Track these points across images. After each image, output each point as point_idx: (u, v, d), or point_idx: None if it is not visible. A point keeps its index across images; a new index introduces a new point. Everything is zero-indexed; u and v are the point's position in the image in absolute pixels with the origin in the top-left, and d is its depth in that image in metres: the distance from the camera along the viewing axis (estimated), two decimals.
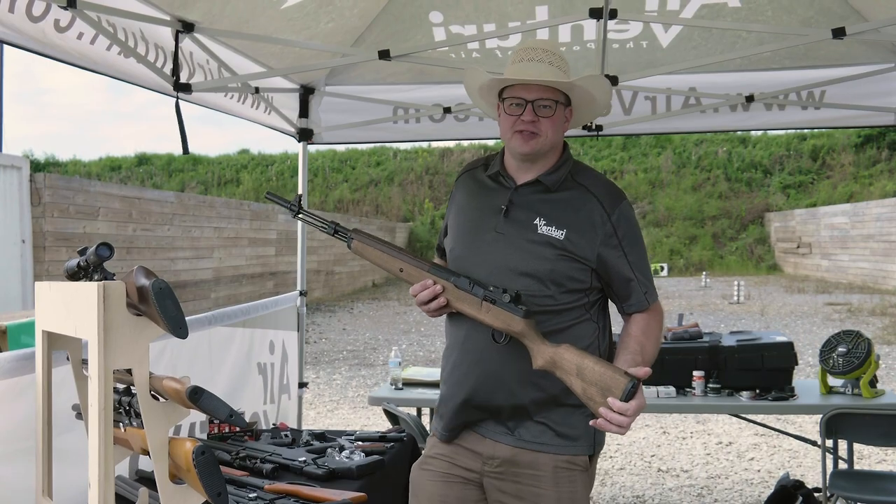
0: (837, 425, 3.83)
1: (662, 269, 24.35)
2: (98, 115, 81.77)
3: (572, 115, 2.23)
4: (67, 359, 2.19)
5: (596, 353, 2.17)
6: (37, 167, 23.34)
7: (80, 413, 2.20)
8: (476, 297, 2.11)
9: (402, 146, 31.45)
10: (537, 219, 2.16)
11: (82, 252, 2.00)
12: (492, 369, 2.15)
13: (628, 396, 1.91)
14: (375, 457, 2.84)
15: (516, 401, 2.15)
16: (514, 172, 2.24)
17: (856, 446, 4.51)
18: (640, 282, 2.19)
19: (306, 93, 4.74)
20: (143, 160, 31.81)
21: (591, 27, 4.03)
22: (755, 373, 4.35)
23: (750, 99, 4.42)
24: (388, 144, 28.83)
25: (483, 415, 2.20)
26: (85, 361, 2.10)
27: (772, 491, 4.37)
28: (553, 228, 2.14)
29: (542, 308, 2.12)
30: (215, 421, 3.22)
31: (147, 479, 2.64)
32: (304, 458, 2.78)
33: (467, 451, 2.23)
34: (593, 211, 2.16)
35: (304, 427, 4.92)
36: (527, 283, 2.12)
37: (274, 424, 3.73)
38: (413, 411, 4.51)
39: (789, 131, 28.34)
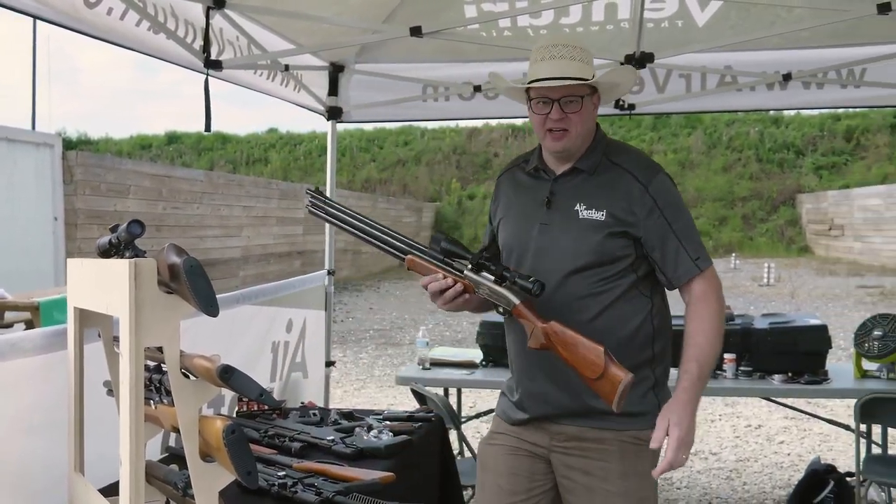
0: (872, 410, 3.77)
1: None
2: (128, 93, 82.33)
3: (600, 99, 2.27)
4: (99, 336, 2.19)
5: (649, 327, 2.24)
6: (69, 145, 23.50)
7: (111, 390, 2.20)
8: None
9: (430, 126, 31.34)
10: (578, 205, 2.21)
11: (114, 229, 1.99)
12: (557, 368, 2.18)
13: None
14: (403, 436, 2.83)
15: (581, 401, 2.21)
16: (552, 165, 2.30)
17: (889, 431, 4.45)
18: (687, 248, 2.20)
19: (336, 71, 4.71)
20: (172, 139, 32.00)
21: (625, 5, 3.96)
22: (788, 356, 4.29)
23: (787, 77, 4.32)
24: (415, 124, 28.77)
25: (551, 410, 2.26)
26: (116, 338, 2.10)
27: (802, 475, 4.32)
28: (594, 211, 2.19)
29: (592, 291, 2.18)
30: (245, 399, 3.23)
31: (177, 457, 2.65)
32: (332, 437, 2.78)
33: (535, 427, 2.31)
34: (631, 186, 2.20)
35: (331, 406, 4.94)
36: (577, 268, 2.17)
37: (302, 403, 3.73)
38: (440, 391, 4.50)
39: (823, 112, 27.90)
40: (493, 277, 2.14)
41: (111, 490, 2.10)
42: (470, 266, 2.17)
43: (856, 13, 3.24)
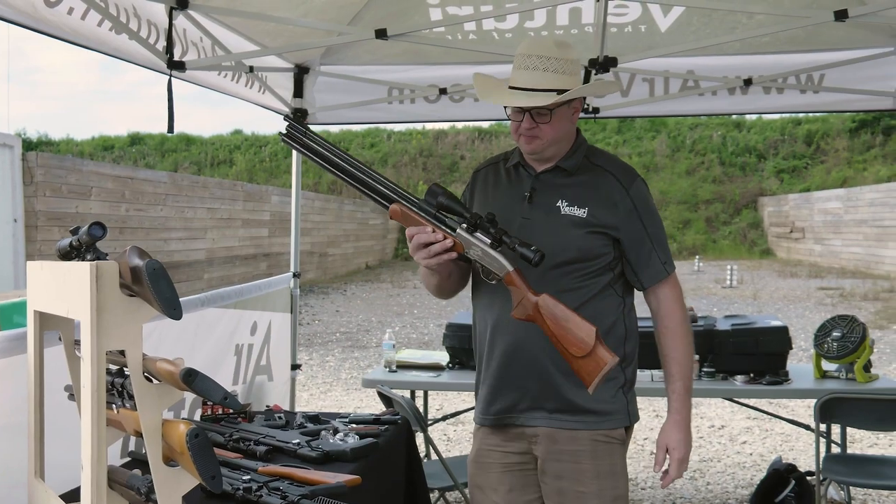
0: (831, 410, 3.84)
1: None
2: (90, 94, 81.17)
3: (580, 103, 2.33)
4: (60, 339, 2.16)
5: (622, 327, 2.31)
6: (29, 146, 23.18)
7: (72, 394, 2.17)
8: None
9: (396, 128, 31.31)
10: (560, 201, 2.26)
11: (75, 231, 1.97)
12: (519, 343, 2.23)
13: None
14: (370, 439, 2.83)
15: (557, 394, 2.24)
16: (532, 163, 2.34)
17: (847, 430, 4.53)
18: (658, 252, 2.31)
19: (301, 72, 4.69)
20: (135, 140, 31.60)
21: (589, 10, 3.99)
22: (750, 357, 4.34)
23: (748, 82, 4.39)
24: (381, 126, 28.70)
25: (516, 396, 2.28)
26: (77, 342, 2.08)
27: (764, 475, 4.38)
28: (575, 208, 2.25)
29: (571, 286, 2.22)
30: (209, 402, 3.21)
31: (140, 462, 2.62)
32: (297, 441, 2.77)
33: (513, 435, 2.34)
34: (612, 187, 2.27)
35: (297, 409, 4.91)
36: (558, 263, 2.20)
37: (267, 407, 3.71)
38: (407, 394, 4.50)
39: (784, 116, 28.32)
40: (489, 240, 2.11)
41: (72, 496, 2.07)
42: (465, 225, 2.12)
43: (814, 20, 3.30)
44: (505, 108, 2.26)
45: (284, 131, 2.17)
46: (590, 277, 2.26)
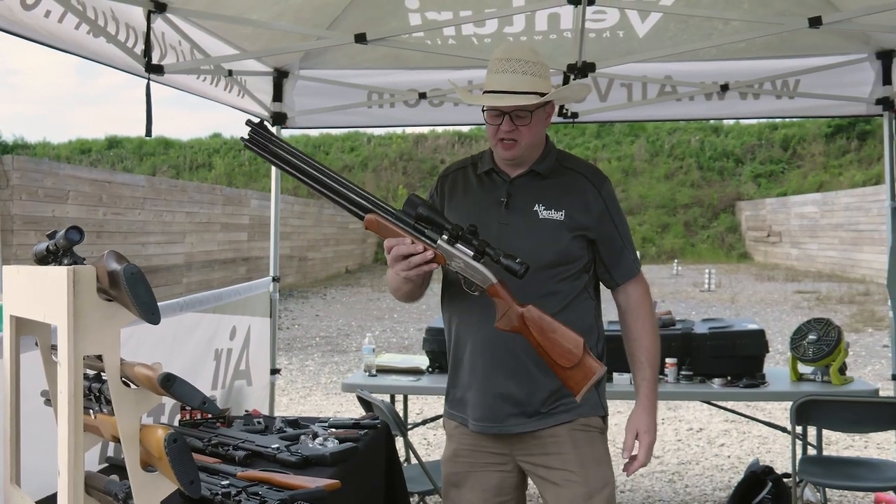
0: (807, 412, 3.87)
1: None
2: (67, 97, 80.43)
3: (553, 108, 2.36)
4: (36, 344, 2.15)
5: (596, 327, 2.37)
6: (5, 149, 22.96)
7: (48, 399, 2.16)
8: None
9: (376, 132, 31.29)
10: (537, 205, 2.29)
11: (52, 236, 1.96)
12: (506, 354, 2.25)
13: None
14: (349, 444, 2.83)
15: (538, 400, 2.28)
16: (506, 168, 2.36)
17: (824, 432, 4.57)
18: (628, 251, 2.39)
19: (280, 76, 4.69)
20: (113, 143, 31.35)
21: (567, 16, 4.02)
22: (727, 360, 4.39)
23: (725, 88, 4.44)
24: (361, 130, 28.65)
25: (502, 403, 2.29)
26: (54, 347, 2.06)
27: (742, 477, 4.42)
28: (553, 211, 2.28)
29: (552, 290, 2.25)
30: (187, 407, 3.19)
31: (118, 467, 2.61)
32: (277, 445, 2.76)
33: (493, 436, 2.35)
34: (585, 189, 2.32)
35: (276, 414, 4.90)
36: (539, 267, 2.21)
37: (247, 411, 3.69)
38: (387, 398, 4.50)
39: (761, 121, 28.53)
40: (471, 252, 2.09)
41: (49, 502, 2.06)
42: (446, 237, 2.10)
43: (788, 26, 3.34)
44: (483, 112, 2.27)
45: (247, 136, 2.07)
46: (569, 280, 2.30)
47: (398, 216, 2.11)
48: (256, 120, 2.09)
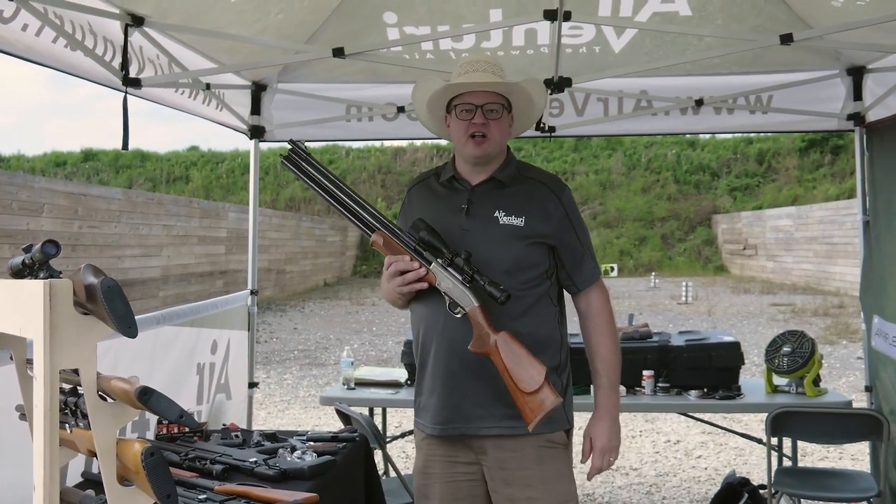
0: (782, 423, 3.91)
1: (612, 269, 24.56)
2: (41, 108, 79.86)
3: (513, 121, 2.44)
4: (11, 358, 2.13)
5: (558, 335, 2.40)
6: None
7: (23, 414, 2.14)
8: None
9: (355, 145, 31.27)
10: (497, 211, 2.35)
11: (27, 249, 1.95)
12: (471, 356, 2.28)
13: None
14: (327, 457, 2.83)
15: (503, 402, 2.29)
16: (467, 175, 2.43)
17: (799, 444, 4.61)
18: (588, 257, 2.44)
19: (258, 90, 4.69)
20: (88, 156, 31.12)
21: (544, 31, 4.05)
22: (703, 372, 4.43)
23: (700, 102, 4.50)
24: (340, 143, 28.65)
25: (466, 402, 2.33)
26: (30, 361, 2.05)
27: (718, 488, 4.45)
28: (513, 217, 2.33)
29: (514, 294, 2.27)
30: (164, 421, 3.17)
31: (94, 482, 2.59)
32: (254, 459, 2.75)
33: (461, 444, 2.38)
34: (546, 197, 2.38)
35: (254, 427, 4.87)
36: (497, 272, 2.27)
37: (224, 425, 3.68)
38: (365, 411, 4.49)
39: (736, 135, 28.86)
40: (461, 277, 2.24)
41: None
42: (441, 260, 2.26)
43: (760, 42, 3.39)
44: (453, 112, 2.36)
45: (286, 154, 2.34)
46: (530, 287, 2.33)
47: (402, 237, 2.31)
48: (294, 140, 2.37)
